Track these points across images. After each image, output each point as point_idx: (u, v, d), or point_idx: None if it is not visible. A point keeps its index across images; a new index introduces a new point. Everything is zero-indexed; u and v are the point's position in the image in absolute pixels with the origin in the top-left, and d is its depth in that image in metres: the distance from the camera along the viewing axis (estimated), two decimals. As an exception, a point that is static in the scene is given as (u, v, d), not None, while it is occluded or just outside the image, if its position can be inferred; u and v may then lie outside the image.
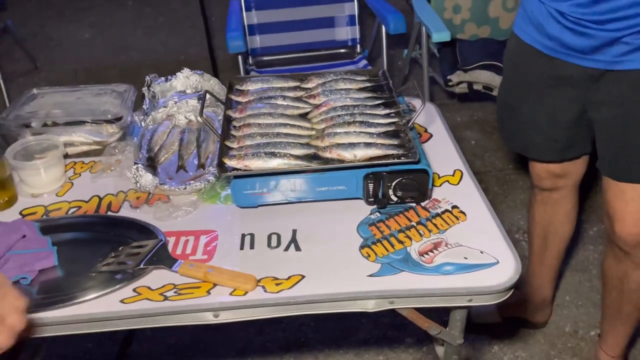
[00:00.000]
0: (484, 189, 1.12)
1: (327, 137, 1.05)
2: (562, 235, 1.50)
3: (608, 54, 1.08)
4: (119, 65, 3.42)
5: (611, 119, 1.15)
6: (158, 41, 3.73)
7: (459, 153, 1.22)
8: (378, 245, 0.98)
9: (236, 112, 1.14)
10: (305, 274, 0.92)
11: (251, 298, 0.88)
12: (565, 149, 1.30)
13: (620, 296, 1.30)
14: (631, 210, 1.16)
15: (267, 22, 2.43)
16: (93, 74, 3.26)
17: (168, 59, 3.43)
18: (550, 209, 1.47)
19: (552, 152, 1.33)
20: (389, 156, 1.02)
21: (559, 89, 1.20)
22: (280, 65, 2.48)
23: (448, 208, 1.06)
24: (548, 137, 1.29)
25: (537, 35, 1.18)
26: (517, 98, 1.31)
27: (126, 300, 0.88)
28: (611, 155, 1.19)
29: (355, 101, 1.15)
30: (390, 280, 0.91)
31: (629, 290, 1.28)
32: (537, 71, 1.22)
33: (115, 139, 1.27)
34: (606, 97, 1.13)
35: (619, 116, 1.13)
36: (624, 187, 1.17)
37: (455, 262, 0.94)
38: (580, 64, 1.13)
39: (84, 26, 3.97)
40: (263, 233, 1.02)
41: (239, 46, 2.04)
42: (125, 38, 3.78)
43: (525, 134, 1.33)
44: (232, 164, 1.00)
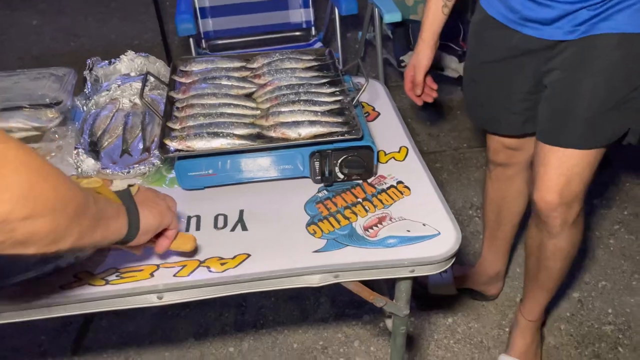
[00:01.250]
0: (439, 168, 1.14)
1: (272, 116, 1.04)
2: (514, 211, 1.54)
3: (567, 24, 1.10)
4: (69, 53, 3.31)
5: (554, 83, 1.17)
6: (110, 28, 3.62)
7: (405, 130, 1.24)
8: (324, 222, 0.99)
9: (179, 93, 1.12)
10: (250, 253, 0.92)
11: (195, 278, 0.87)
12: (525, 123, 1.32)
13: (538, 263, 1.35)
14: (550, 177, 1.19)
15: (219, 4, 2.39)
16: (40, 62, 3.15)
17: (120, 46, 3.34)
18: (503, 185, 1.50)
19: (511, 126, 1.35)
20: (333, 133, 1.02)
21: (518, 62, 1.22)
22: (234, 49, 2.45)
23: (393, 184, 1.08)
24: (507, 110, 1.32)
25: (500, 8, 1.20)
26: (479, 71, 1.33)
27: (65, 287, 0.86)
28: (545, 118, 1.21)
29: (301, 80, 1.15)
30: (335, 255, 0.91)
31: (545, 257, 1.32)
32: (499, 43, 1.24)
33: (55, 124, 1.23)
34: (556, 64, 1.16)
35: (562, 80, 1.15)
36: (547, 151, 1.19)
37: (398, 235, 0.95)
38: (539, 37, 1.15)
39: (32, 13, 3.82)
40: (209, 214, 1.02)
41: (188, 29, 2.00)
42: (75, 25, 3.66)
43: (486, 107, 1.36)
44: (174, 145, 0.98)
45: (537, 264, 1.35)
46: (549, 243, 1.28)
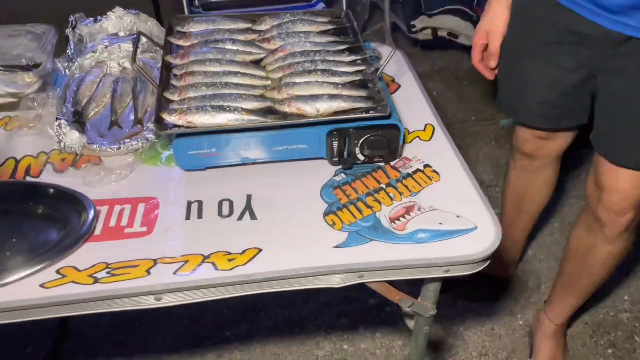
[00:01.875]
0: None
1: (285, 88, 0.91)
2: (538, 203, 1.42)
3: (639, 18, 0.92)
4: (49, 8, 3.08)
5: (620, 92, 1.00)
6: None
7: (430, 106, 1.11)
8: (344, 211, 0.87)
9: (177, 59, 0.98)
10: (262, 247, 0.80)
11: (200, 278, 0.75)
12: (560, 117, 1.16)
13: (581, 269, 1.25)
14: (622, 188, 1.07)
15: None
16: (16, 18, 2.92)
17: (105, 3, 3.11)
18: (530, 176, 1.37)
19: (545, 118, 1.18)
20: (356, 110, 0.89)
21: (571, 48, 1.04)
22: (229, 8, 2.27)
23: (420, 167, 0.96)
24: (544, 101, 1.14)
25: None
26: (520, 52, 1.13)
27: (47, 285, 0.74)
28: (609, 132, 1.06)
29: (316, 46, 1.01)
30: (359, 251, 0.80)
31: (593, 264, 1.22)
32: (551, 24, 1.05)
33: (34, 90, 1.08)
34: (622, 67, 0.98)
35: (631, 91, 0.99)
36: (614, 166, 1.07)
37: (430, 228, 0.84)
38: (604, 25, 0.96)
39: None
40: (213, 200, 0.89)
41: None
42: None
43: (521, 94, 1.18)
44: (173, 120, 0.84)
45: (579, 270, 1.24)
46: (602, 249, 1.17)
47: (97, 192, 0.90)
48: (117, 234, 0.83)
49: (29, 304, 0.72)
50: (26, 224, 0.83)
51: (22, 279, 0.73)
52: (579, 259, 1.24)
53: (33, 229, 0.83)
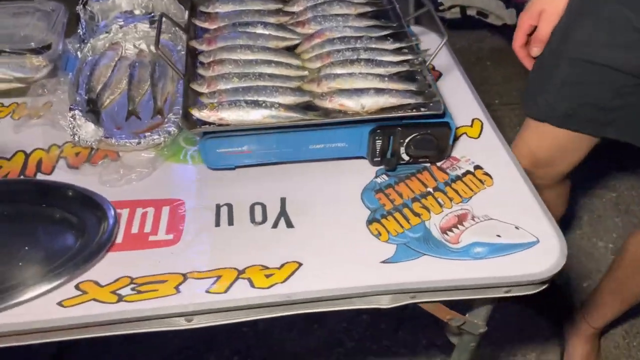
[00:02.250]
0: None
1: (325, 79, 0.81)
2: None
3: None
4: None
5: None
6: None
7: (476, 97, 1.02)
8: (389, 219, 0.79)
9: (203, 44, 0.88)
10: (301, 261, 0.72)
11: (235, 297, 0.68)
12: (608, 124, 0.96)
13: (636, 276, 1.17)
14: None
15: None
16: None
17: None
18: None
19: (590, 122, 0.98)
20: (404, 106, 0.80)
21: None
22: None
23: (469, 169, 0.87)
24: (597, 103, 0.96)
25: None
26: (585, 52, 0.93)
27: (66, 303, 0.66)
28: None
29: (356, 31, 0.91)
30: (410, 267, 0.72)
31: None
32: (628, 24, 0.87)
33: (43, 74, 0.98)
34: None
35: None
36: None
37: (486, 241, 0.76)
38: None
39: None
40: (244, 203, 0.81)
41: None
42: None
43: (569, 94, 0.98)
44: (203, 116, 0.75)
45: (634, 277, 1.17)
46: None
47: (115, 191, 0.82)
48: (141, 242, 0.75)
49: (47, 325, 0.64)
50: (40, 229, 0.75)
51: (39, 296, 0.66)
52: (635, 265, 1.16)
53: (47, 235, 0.75)
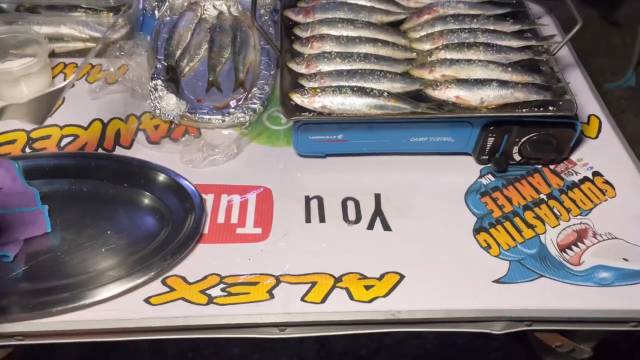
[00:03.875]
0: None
1: (440, 66, 0.71)
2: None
3: None
4: None
5: None
6: None
7: (593, 90, 0.90)
8: (499, 229, 0.71)
9: (299, 14, 0.79)
10: (403, 273, 0.65)
11: (333, 309, 0.62)
12: None
13: None
14: None
15: None
16: None
17: None
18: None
19: None
20: (529, 103, 0.70)
21: None
22: None
23: (588, 175, 0.77)
24: None
25: None
26: None
27: (154, 300, 0.62)
28: None
29: (471, 8, 0.80)
30: (526, 290, 0.64)
31: None
32: None
33: (121, 35, 0.92)
34: None
35: None
36: None
37: (612, 265, 0.67)
38: None
39: None
40: (335, 197, 0.74)
41: None
42: None
43: None
44: (305, 102, 0.67)
45: None
46: None
47: (197, 172, 0.76)
48: (228, 235, 0.69)
49: (136, 325, 0.60)
50: (121, 212, 0.70)
51: (126, 292, 0.61)
52: None
53: (130, 219, 0.70)
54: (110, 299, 0.60)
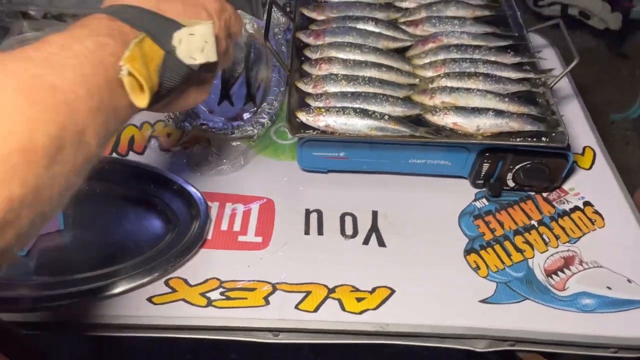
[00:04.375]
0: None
1: (440, 93, 0.75)
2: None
3: None
4: None
5: None
6: None
7: (590, 121, 0.93)
8: (489, 251, 0.74)
9: (310, 37, 0.83)
10: (394, 287, 0.69)
11: (325, 318, 0.65)
12: None
13: None
14: None
15: None
16: None
17: None
18: None
19: None
20: (524, 133, 0.73)
21: None
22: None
23: (579, 205, 0.80)
24: None
25: None
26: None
27: (156, 300, 0.65)
28: None
29: (474, 38, 0.83)
30: (511, 311, 0.67)
31: None
32: None
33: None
34: None
35: None
36: None
37: (595, 292, 0.70)
38: None
39: None
40: (334, 212, 0.77)
41: None
42: None
43: None
44: (310, 121, 0.71)
45: None
46: None
47: (205, 180, 0.80)
48: (230, 242, 0.73)
49: (137, 322, 0.63)
50: (130, 214, 0.74)
51: (131, 290, 0.65)
52: None
53: (138, 222, 0.74)
54: (115, 296, 0.64)
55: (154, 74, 0.41)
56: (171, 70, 0.42)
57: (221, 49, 0.48)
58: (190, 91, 0.49)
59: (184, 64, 0.43)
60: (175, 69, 0.43)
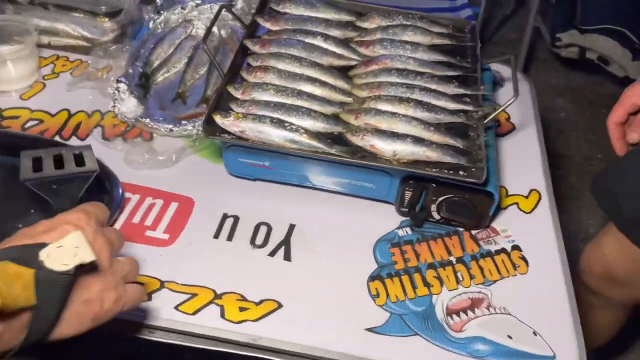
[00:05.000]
0: (559, 177, 0.80)
1: (365, 114, 0.74)
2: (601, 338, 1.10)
3: None
4: None
5: None
6: None
7: (545, 163, 0.89)
8: (394, 281, 0.71)
9: (257, 45, 0.84)
10: (282, 302, 0.67)
11: (200, 322, 0.64)
12: None
13: None
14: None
15: None
16: None
17: None
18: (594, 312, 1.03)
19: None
20: (442, 164, 0.71)
21: None
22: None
23: (506, 247, 0.76)
24: None
25: None
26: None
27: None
28: None
29: (421, 65, 0.82)
30: (397, 345, 0.64)
31: None
32: None
33: (109, 38, 1.00)
34: None
35: None
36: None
37: (493, 339, 0.66)
38: None
39: None
40: (251, 220, 0.77)
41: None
42: None
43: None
44: (226, 124, 0.71)
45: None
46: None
47: (135, 173, 0.81)
48: (136, 235, 0.73)
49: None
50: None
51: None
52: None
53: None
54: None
55: (26, 290, 0.43)
56: (47, 283, 0.44)
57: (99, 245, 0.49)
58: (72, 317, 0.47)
59: (57, 272, 0.44)
60: (51, 281, 0.44)
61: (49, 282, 0.44)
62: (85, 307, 0.48)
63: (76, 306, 0.47)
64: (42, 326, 0.45)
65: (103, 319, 0.49)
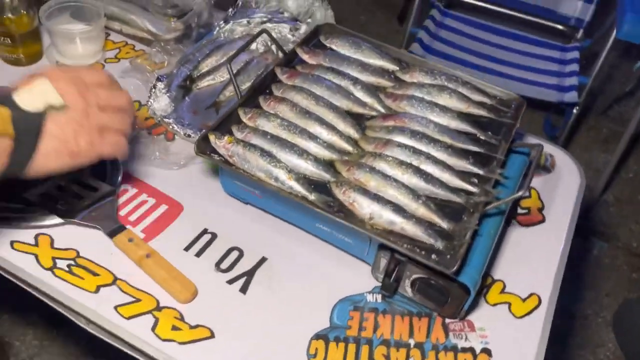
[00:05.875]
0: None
1: (358, 168, 0.71)
2: None
3: None
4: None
5: None
6: None
7: (560, 270, 0.79)
8: (339, 347, 0.67)
9: (285, 74, 0.84)
10: (216, 334, 0.66)
11: (130, 329, 0.65)
12: None
13: None
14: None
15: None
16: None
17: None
18: None
19: None
20: (414, 242, 0.66)
21: None
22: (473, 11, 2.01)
23: (475, 348, 0.69)
24: None
25: None
26: None
27: (16, 246, 0.71)
28: None
29: (440, 132, 0.77)
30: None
31: None
32: None
33: (172, 36, 1.05)
34: None
35: None
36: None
37: None
38: None
39: None
40: (226, 242, 0.77)
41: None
42: None
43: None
44: (217, 145, 0.72)
45: None
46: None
47: (141, 168, 0.85)
48: (116, 227, 0.76)
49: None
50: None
51: (0, 227, 0.72)
52: None
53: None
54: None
55: (4, 123, 0.54)
56: (22, 119, 0.56)
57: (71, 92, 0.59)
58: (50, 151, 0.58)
59: (29, 111, 0.56)
60: (25, 117, 0.56)
61: (24, 119, 0.55)
62: (61, 144, 0.58)
63: (52, 142, 0.57)
64: (23, 153, 0.56)
65: (81, 158, 0.61)
